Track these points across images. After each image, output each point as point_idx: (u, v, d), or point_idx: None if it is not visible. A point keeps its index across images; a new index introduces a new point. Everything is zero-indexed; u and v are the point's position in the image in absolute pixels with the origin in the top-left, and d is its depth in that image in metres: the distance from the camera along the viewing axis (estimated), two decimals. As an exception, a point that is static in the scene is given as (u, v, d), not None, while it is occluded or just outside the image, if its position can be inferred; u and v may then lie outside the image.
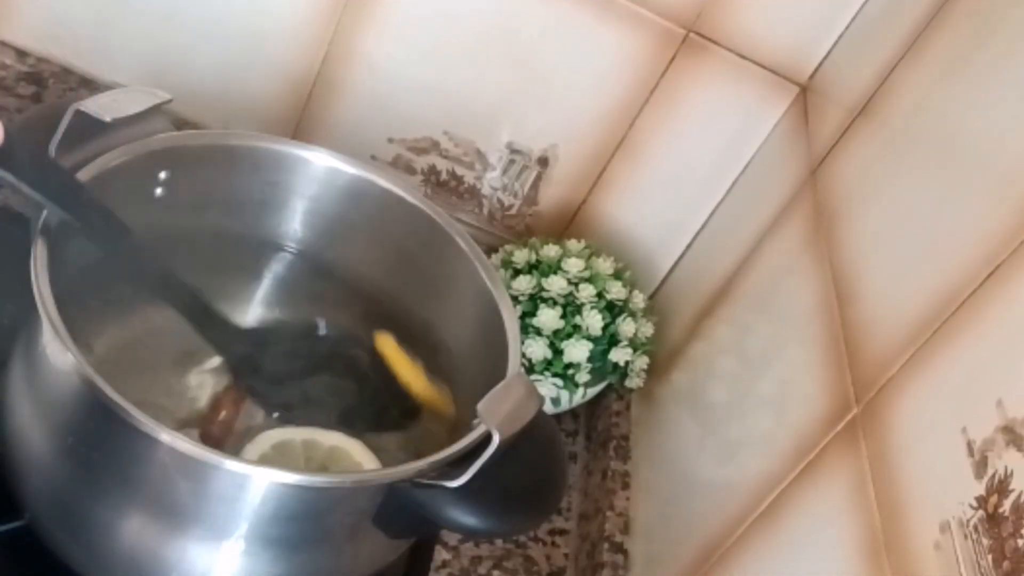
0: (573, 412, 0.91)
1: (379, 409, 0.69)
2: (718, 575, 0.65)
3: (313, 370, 0.69)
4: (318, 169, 0.71)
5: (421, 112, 0.94)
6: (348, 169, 0.72)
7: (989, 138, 0.59)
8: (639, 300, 0.88)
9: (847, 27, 0.85)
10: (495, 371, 0.63)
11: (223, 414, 0.65)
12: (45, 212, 0.58)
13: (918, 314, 0.56)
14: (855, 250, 0.67)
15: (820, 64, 0.87)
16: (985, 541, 0.44)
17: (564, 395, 0.85)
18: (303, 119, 0.95)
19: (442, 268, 0.70)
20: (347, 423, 0.67)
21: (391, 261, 0.73)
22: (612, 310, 0.85)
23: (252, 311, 0.73)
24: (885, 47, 0.77)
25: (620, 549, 0.76)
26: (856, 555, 0.52)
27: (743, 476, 0.67)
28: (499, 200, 0.98)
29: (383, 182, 0.72)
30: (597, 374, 0.85)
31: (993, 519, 0.44)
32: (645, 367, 0.87)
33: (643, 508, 0.79)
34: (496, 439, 0.55)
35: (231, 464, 0.53)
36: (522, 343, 0.79)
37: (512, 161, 0.95)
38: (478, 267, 0.69)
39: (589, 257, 0.87)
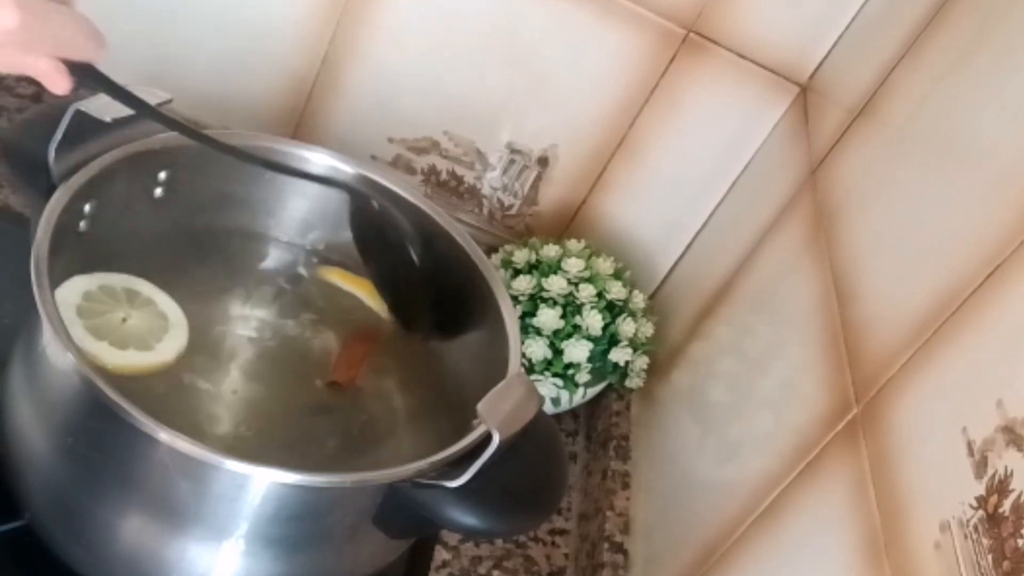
0: (573, 412, 0.91)
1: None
2: (718, 575, 0.65)
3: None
4: (318, 169, 0.71)
5: (421, 112, 0.94)
6: (348, 169, 0.72)
7: (989, 138, 0.59)
8: (639, 300, 0.88)
9: (847, 27, 0.85)
10: (495, 371, 0.63)
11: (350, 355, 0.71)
12: (45, 212, 0.58)
13: (918, 314, 0.56)
14: (855, 250, 0.67)
15: (820, 64, 0.87)
16: (985, 541, 0.44)
17: (564, 395, 0.84)
18: (303, 119, 0.95)
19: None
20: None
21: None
22: (612, 310, 0.85)
23: (251, 310, 0.73)
24: (885, 47, 0.77)
25: (620, 549, 0.76)
26: (856, 555, 0.52)
27: (743, 476, 0.67)
28: (499, 200, 0.98)
29: (383, 182, 0.72)
30: (597, 374, 0.85)
31: (993, 519, 0.44)
32: (645, 367, 0.87)
33: (643, 508, 0.79)
34: (496, 439, 0.55)
35: (231, 464, 0.53)
36: (522, 343, 0.79)
37: (512, 161, 0.95)
38: (478, 267, 0.69)
39: (589, 257, 0.87)
